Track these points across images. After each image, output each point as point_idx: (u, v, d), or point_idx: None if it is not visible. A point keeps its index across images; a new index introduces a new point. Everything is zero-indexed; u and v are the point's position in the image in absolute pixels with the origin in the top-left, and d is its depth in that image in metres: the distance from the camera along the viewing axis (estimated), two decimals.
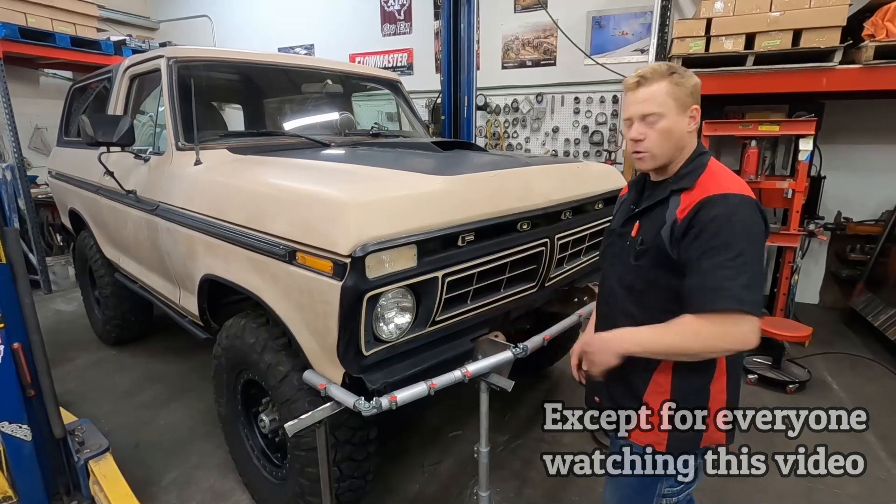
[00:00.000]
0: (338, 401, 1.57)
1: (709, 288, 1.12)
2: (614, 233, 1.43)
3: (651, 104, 1.22)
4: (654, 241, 1.25)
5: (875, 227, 4.29)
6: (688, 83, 1.23)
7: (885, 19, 3.26)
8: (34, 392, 1.95)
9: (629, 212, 1.38)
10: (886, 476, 2.47)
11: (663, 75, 1.22)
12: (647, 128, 1.23)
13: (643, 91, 1.23)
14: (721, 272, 1.11)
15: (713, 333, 1.13)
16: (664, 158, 1.26)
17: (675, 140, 1.24)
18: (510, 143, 5.70)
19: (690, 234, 1.17)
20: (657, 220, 1.26)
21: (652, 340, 1.20)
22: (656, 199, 1.29)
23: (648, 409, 1.31)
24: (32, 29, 4.84)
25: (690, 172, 1.25)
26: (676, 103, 1.22)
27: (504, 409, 2.98)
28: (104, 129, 2.33)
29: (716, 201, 1.16)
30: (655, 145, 1.24)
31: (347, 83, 3.50)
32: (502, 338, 1.90)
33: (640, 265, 1.28)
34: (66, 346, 3.92)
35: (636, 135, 1.25)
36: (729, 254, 1.12)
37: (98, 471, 2.06)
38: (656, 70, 1.23)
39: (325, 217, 1.54)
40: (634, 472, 1.37)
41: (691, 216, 1.17)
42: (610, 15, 5.03)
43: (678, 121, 1.23)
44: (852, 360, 3.65)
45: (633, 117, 1.26)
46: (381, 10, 6.16)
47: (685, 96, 1.22)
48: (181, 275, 2.43)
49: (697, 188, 1.22)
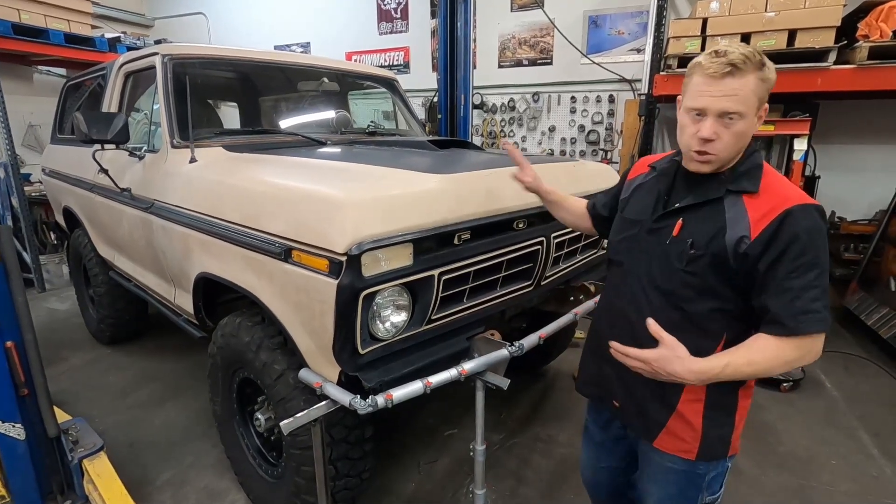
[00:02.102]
0: (333, 399, 1.56)
1: (800, 311, 1.04)
2: (641, 225, 1.26)
3: (738, 101, 1.04)
4: (711, 248, 1.11)
5: (868, 227, 4.32)
6: (772, 78, 1.07)
7: (879, 20, 3.28)
8: (27, 391, 1.94)
9: (664, 204, 1.23)
10: (879, 474, 2.49)
11: (757, 66, 1.04)
12: (723, 127, 1.07)
13: (732, 83, 1.03)
14: (809, 293, 1.04)
15: (799, 358, 1.07)
16: (728, 161, 1.13)
17: (743, 143, 1.11)
18: (507, 142, 5.70)
19: (773, 250, 1.05)
20: (713, 223, 1.12)
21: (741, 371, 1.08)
22: (708, 196, 1.14)
23: (680, 418, 1.22)
24: (26, 25, 4.81)
25: (749, 171, 1.13)
26: (759, 102, 1.07)
27: (500, 408, 2.98)
28: (98, 127, 2.31)
29: (799, 214, 1.05)
30: (727, 148, 1.09)
31: (344, 81, 3.49)
32: (498, 336, 1.90)
33: (692, 271, 1.14)
34: (60, 344, 3.90)
35: (709, 133, 1.07)
36: (815, 272, 1.04)
37: (92, 470, 2.05)
38: (750, 58, 1.03)
39: (321, 215, 1.53)
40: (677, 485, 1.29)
41: (773, 230, 1.05)
42: (606, 14, 5.04)
43: (753, 122, 1.09)
44: (846, 358, 3.68)
45: (708, 111, 1.07)
46: (378, 9, 6.15)
47: (766, 94, 1.08)
48: (176, 273, 2.42)
49: (765, 194, 1.09)
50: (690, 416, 1.21)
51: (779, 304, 1.06)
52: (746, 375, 1.10)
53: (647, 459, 1.34)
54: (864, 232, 4.33)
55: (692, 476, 1.26)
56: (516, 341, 1.83)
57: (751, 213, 1.09)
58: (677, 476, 1.27)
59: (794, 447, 2.68)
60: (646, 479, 1.37)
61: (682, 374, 1.08)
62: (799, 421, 2.92)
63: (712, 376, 1.08)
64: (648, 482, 1.36)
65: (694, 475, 1.26)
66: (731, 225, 1.10)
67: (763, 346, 1.08)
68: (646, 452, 1.34)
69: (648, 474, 1.35)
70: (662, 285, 1.19)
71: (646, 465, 1.36)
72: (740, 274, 1.10)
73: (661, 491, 1.32)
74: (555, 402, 3.11)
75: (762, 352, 1.07)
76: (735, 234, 1.09)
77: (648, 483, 1.36)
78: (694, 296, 1.14)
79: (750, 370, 1.08)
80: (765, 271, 1.07)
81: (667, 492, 1.30)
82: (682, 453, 1.24)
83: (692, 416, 1.21)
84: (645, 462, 1.36)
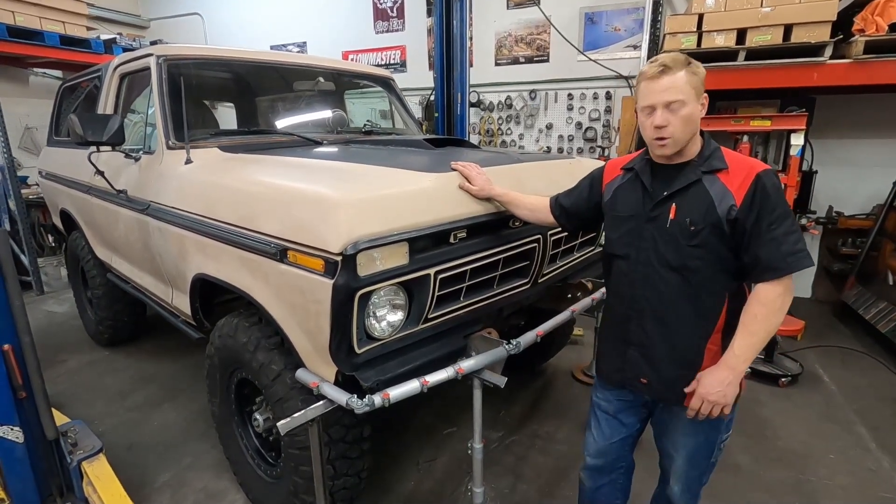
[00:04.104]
0: (330, 399, 1.56)
1: (788, 252, 1.25)
2: (636, 219, 1.45)
3: (675, 92, 1.28)
4: (708, 221, 1.31)
5: (866, 221, 4.32)
6: (701, 72, 1.32)
7: (874, 14, 3.28)
8: (25, 394, 1.93)
9: (654, 196, 1.41)
10: (876, 468, 2.50)
11: (683, 64, 1.29)
12: (670, 114, 1.29)
13: (666, 79, 1.28)
14: (791, 238, 1.26)
15: (786, 300, 1.28)
16: (683, 143, 1.34)
17: (693, 126, 1.33)
18: (504, 139, 5.70)
19: (754, 209, 1.27)
20: (702, 201, 1.32)
21: (754, 347, 1.30)
22: (688, 180, 1.35)
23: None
24: (21, 28, 4.80)
25: (713, 154, 1.35)
26: (695, 91, 1.30)
27: (499, 406, 2.99)
28: (93, 129, 2.30)
29: (765, 177, 1.28)
30: (679, 131, 1.30)
31: (340, 81, 3.49)
32: (495, 334, 1.90)
33: (696, 244, 1.34)
34: (58, 347, 3.90)
35: (661, 121, 1.30)
36: (789, 220, 1.27)
37: (91, 472, 2.05)
38: (676, 59, 1.30)
39: (316, 215, 1.53)
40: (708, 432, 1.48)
41: (752, 194, 1.27)
42: (602, 11, 5.03)
43: (696, 108, 1.31)
44: (844, 353, 3.69)
45: (656, 105, 1.31)
46: (374, 8, 6.14)
47: (700, 84, 1.31)
48: (173, 274, 2.42)
49: (733, 168, 1.32)
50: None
51: (769, 252, 1.26)
52: (763, 342, 1.30)
53: (677, 419, 1.51)
54: (862, 226, 4.33)
55: (716, 423, 1.45)
56: (514, 339, 1.83)
57: (730, 186, 1.31)
58: (706, 426, 1.45)
59: (792, 442, 2.69)
60: (676, 436, 1.54)
61: (732, 384, 1.31)
62: (797, 415, 2.93)
63: (738, 371, 1.30)
64: (679, 436, 1.53)
65: (718, 420, 1.43)
66: (719, 199, 1.31)
67: (756, 307, 1.29)
68: (675, 414, 1.50)
69: (680, 430, 1.52)
70: (673, 262, 1.37)
71: (674, 425, 1.53)
72: (734, 236, 1.31)
73: (693, 441, 1.51)
74: (553, 400, 3.12)
75: (758, 313, 1.28)
76: (725, 205, 1.30)
77: (680, 437, 1.53)
78: (701, 264, 1.34)
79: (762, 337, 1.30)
80: (751, 227, 1.28)
81: (696, 441, 1.50)
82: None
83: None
84: (673, 423, 1.53)
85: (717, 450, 1.53)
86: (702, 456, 1.53)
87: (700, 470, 1.55)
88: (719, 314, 1.38)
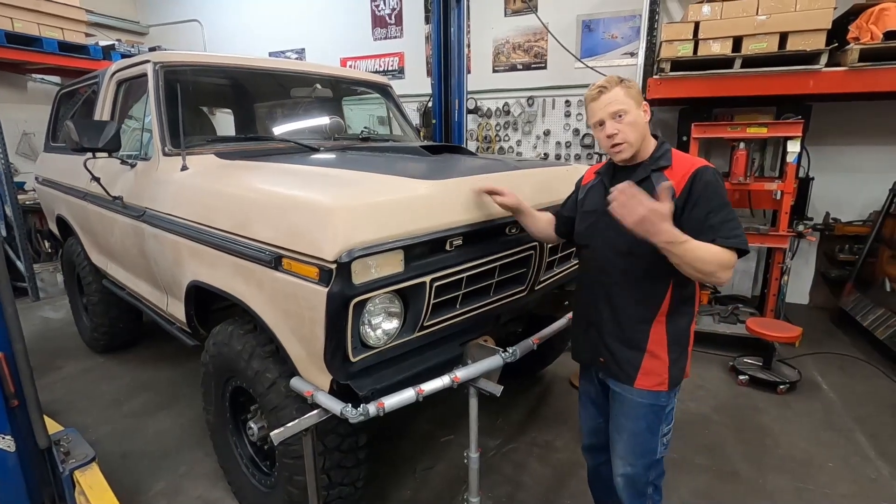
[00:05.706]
0: (325, 408, 1.55)
1: (724, 237, 1.37)
2: (596, 213, 1.62)
3: (616, 104, 1.48)
4: None
5: (863, 228, 4.32)
6: (634, 86, 1.53)
7: (869, 22, 3.30)
8: (18, 402, 1.91)
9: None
10: (876, 476, 2.48)
11: (616, 82, 1.51)
12: (618, 123, 1.48)
13: (606, 97, 1.49)
14: (728, 224, 1.39)
15: (725, 262, 1.36)
16: (637, 145, 1.51)
17: (641, 129, 1.51)
18: (502, 146, 5.71)
19: (692, 199, 1.42)
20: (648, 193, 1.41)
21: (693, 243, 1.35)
22: (638, 178, 1.50)
23: (652, 356, 1.54)
24: (19, 34, 4.80)
25: (663, 155, 1.53)
26: (634, 101, 1.49)
27: (496, 413, 2.97)
28: (90, 135, 2.30)
29: (702, 172, 1.44)
30: (629, 135, 1.48)
31: (337, 87, 3.49)
32: (492, 342, 1.90)
33: None
34: (53, 353, 3.88)
35: (612, 130, 1.49)
36: (727, 209, 1.41)
37: (84, 481, 2.02)
38: (610, 80, 1.52)
39: (311, 222, 1.52)
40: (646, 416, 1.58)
41: (689, 186, 1.43)
42: (599, 18, 5.06)
43: (639, 114, 1.50)
44: (842, 359, 3.68)
45: (604, 118, 1.50)
46: (372, 15, 6.16)
47: (637, 95, 1.51)
48: (168, 281, 2.41)
49: (677, 165, 1.49)
50: (659, 352, 1.54)
51: (707, 239, 1.37)
52: (695, 258, 1.34)
53: (622, 401, 1.62)
54: (859, 233, 4.33)
55: (657, 409, 1.58)
56: (510, 347, 1.83)
57: (672, 179, 1.45)
58: (646, 410, 1.58)
59: (792, 449, 2.68)
60: (620, 419, 1.64)
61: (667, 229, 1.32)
62: (796, 423, 2.92)
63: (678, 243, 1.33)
64: (622, 418, 1.64)
65: (658, 408, 1.58)
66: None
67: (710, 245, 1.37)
68: (621, 395, 1.62)
69: (623, 413, 1.63)
70: (622, 248, 1.53)
71: (620, 406, 1.64)
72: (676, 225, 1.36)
73: (634, 425, 1.61)
74: (551, 407, 3.10)
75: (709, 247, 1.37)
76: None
77: (622, 419, 1.64)
78: (645, 251, 1.42)
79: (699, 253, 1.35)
80: (690, 216, 1.42)
81: (637, 425, 1.61)
82: (657, 387, 1.55)
83: (660, 352, 1.54)
84: (619, 404, 1.64)
85: (661, 445, 1.62)
86: (644, 444, 1.61)
87: (644, 461, 1.63)
88: (663, 299, 1.51)
